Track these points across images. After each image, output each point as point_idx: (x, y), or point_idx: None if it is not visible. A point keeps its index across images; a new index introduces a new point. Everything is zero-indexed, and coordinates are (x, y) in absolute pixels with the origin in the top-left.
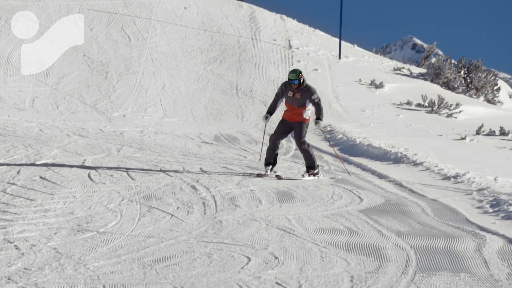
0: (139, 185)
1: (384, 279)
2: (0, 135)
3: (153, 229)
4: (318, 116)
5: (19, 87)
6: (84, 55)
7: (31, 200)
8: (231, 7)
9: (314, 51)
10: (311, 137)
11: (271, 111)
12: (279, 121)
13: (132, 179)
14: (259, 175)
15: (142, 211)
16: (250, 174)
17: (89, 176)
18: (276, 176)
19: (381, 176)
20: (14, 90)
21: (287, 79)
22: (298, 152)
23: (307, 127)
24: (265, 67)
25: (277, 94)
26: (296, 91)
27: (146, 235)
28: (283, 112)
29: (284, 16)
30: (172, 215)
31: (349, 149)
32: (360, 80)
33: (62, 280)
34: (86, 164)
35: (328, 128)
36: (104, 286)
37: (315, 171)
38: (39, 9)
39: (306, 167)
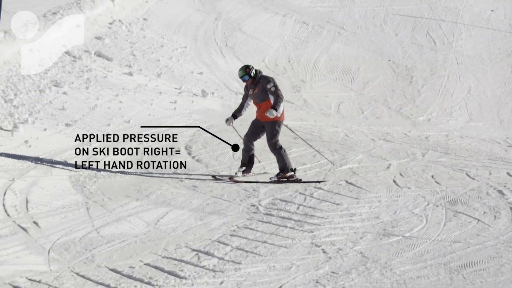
0: (444, 190)
1: None
2: (306, 140)
3: (459, 234)
4: (273, 105)
5: (325, 93)
6: (389, 60)
7: (337, 204)
8: None
9: None
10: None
11: (235, 113)
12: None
13: (438, 183)
14: (230, 178)
15: (447, 216)
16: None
17: (394, 180)
18: (229, 178)
19: None
20: (320, 95)
21: None
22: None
23: (279, 127)
24: None
25: (243, 96)
26: (253, 86)
27: (452, 240)
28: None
29: None
30: (478, 220)
31: None
32: None
33: (368, 284)
34: (391, 168)
35: None
36: None
37: (287, 174)
38: (345, 15)
39: (279, 169)
